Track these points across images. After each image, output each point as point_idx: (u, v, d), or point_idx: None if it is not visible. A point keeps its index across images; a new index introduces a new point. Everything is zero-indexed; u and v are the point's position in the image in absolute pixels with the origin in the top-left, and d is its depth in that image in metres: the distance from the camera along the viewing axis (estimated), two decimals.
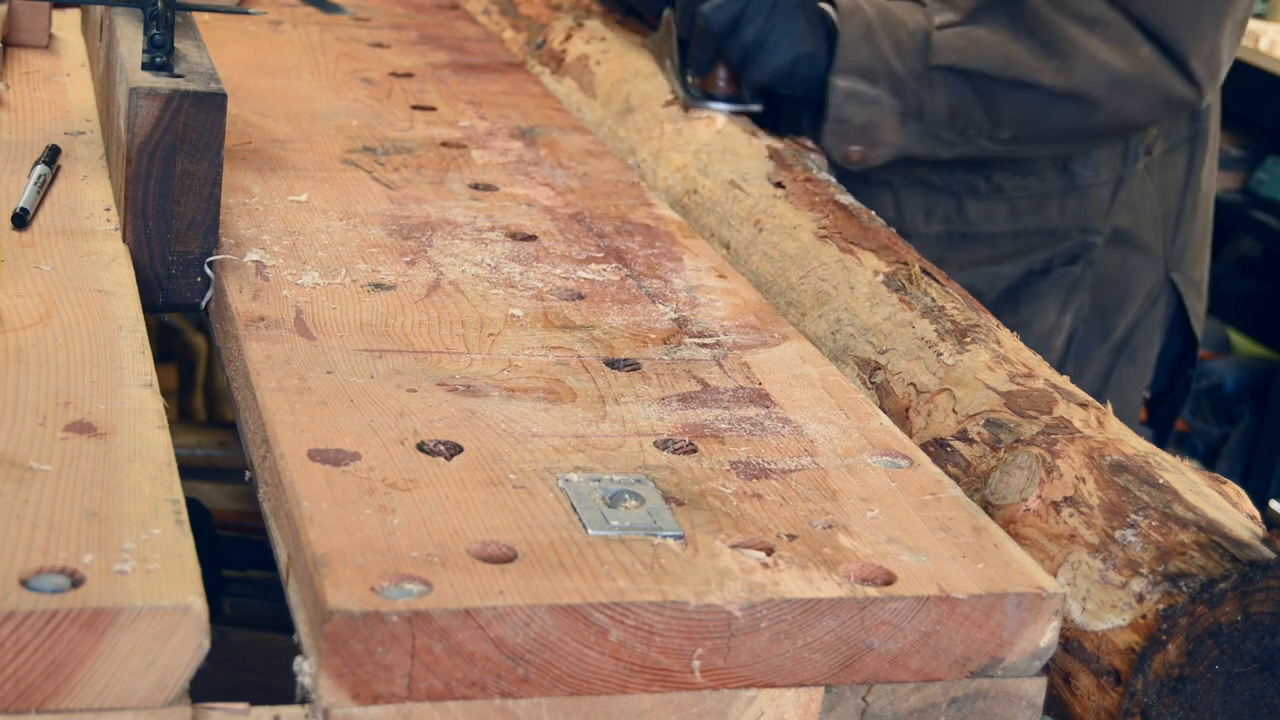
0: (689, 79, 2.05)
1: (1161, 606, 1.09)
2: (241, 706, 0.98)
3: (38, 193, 1.51)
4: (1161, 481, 1.20)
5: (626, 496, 1.13)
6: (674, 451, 1.22)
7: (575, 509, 1.11)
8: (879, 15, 1.99)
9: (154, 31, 1.47)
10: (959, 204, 2.17)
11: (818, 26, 1.99)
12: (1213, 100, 2.22)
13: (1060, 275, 2.20)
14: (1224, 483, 1.25)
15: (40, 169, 1.55)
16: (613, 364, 1.36)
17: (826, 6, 2.00)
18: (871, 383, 1.44)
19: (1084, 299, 2.23)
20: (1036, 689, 1.11)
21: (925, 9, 2.02)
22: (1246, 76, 3.91)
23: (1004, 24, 2.01)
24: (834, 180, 1.84)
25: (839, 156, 2.02)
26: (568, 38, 2.26)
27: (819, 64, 1.99)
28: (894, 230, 1.70)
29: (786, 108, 2.07)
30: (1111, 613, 1.12)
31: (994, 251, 2.19)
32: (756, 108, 2.02)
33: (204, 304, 1.46)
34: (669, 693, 1.03)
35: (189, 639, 0.95)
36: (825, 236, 1.64)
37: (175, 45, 1.51)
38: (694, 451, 1.22)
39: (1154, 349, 2.31)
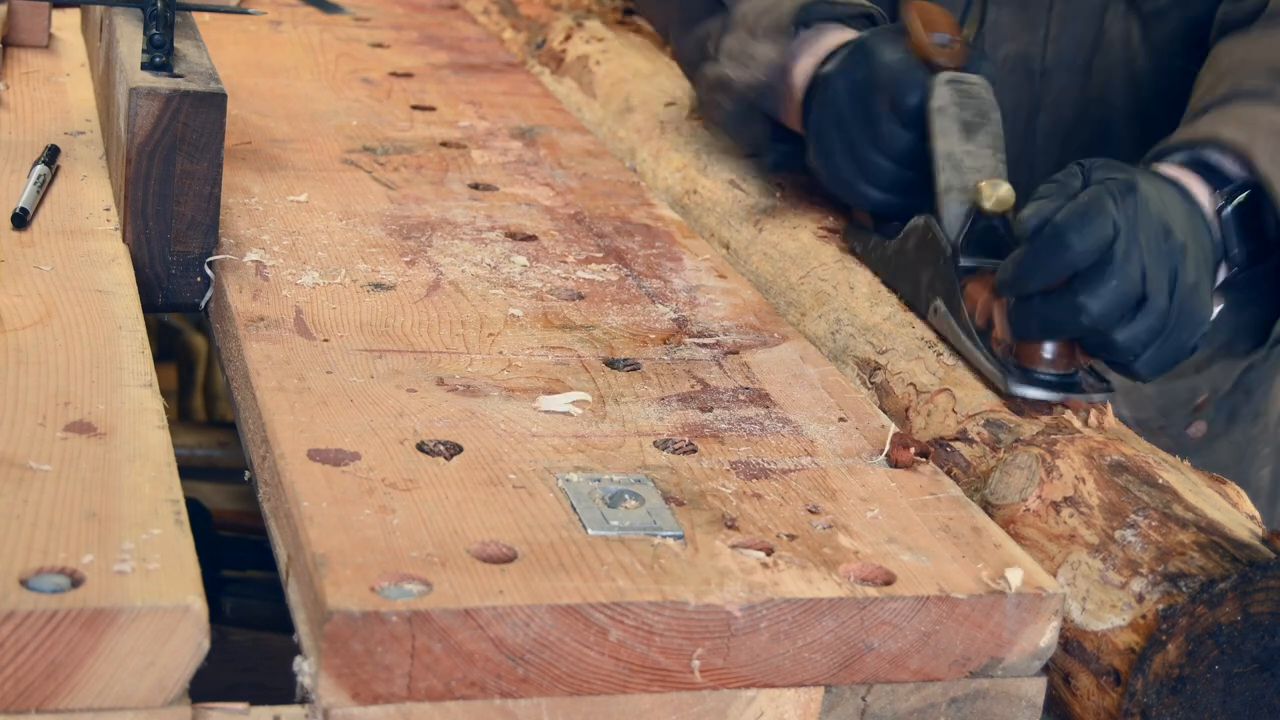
0: (976, 332, 1.39)
1: (1161, 607, 1.09)
2: (241, 706, 0.98)
3: (38, 193, 1.51)
4: (1161, 481, 1.20)
5: (626, 496, 1.13)
6: (674, 451, 1.22)
7: (575, 509, 1.11)
8: (1273, 133, 1.46)
9: (154, 31, 1.47)
10: None
11: (1211, 257, 1.42)
12: None
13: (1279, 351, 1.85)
14: (1224, 483, 1.25)
15: (40, 169, 1.54)
16: (613, 364, 1.36)
17: (1184, 176, 1.45)
18: (871, 383, 1.44)
19: None
20: (1036, 689, 1.11)
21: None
22: None
23: None
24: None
25: None
26: (567, 38, 2.26)
27: (1210, 306, 1.41)
28: None
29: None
30: (1111, 613, 1.12)
31: (1217, 340, 1.78)
32: (1108, 394, 1.36)
33: (204, 304, 1.46)
34: (669, 693, 1.03)
35: (189, 639, 0.95)
36: (825, 236, 1.64)
37: (175, 45, 1.51)
38: (694, 451, 1.22)
39: None
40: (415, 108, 1.98)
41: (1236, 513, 1.19)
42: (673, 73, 2.10)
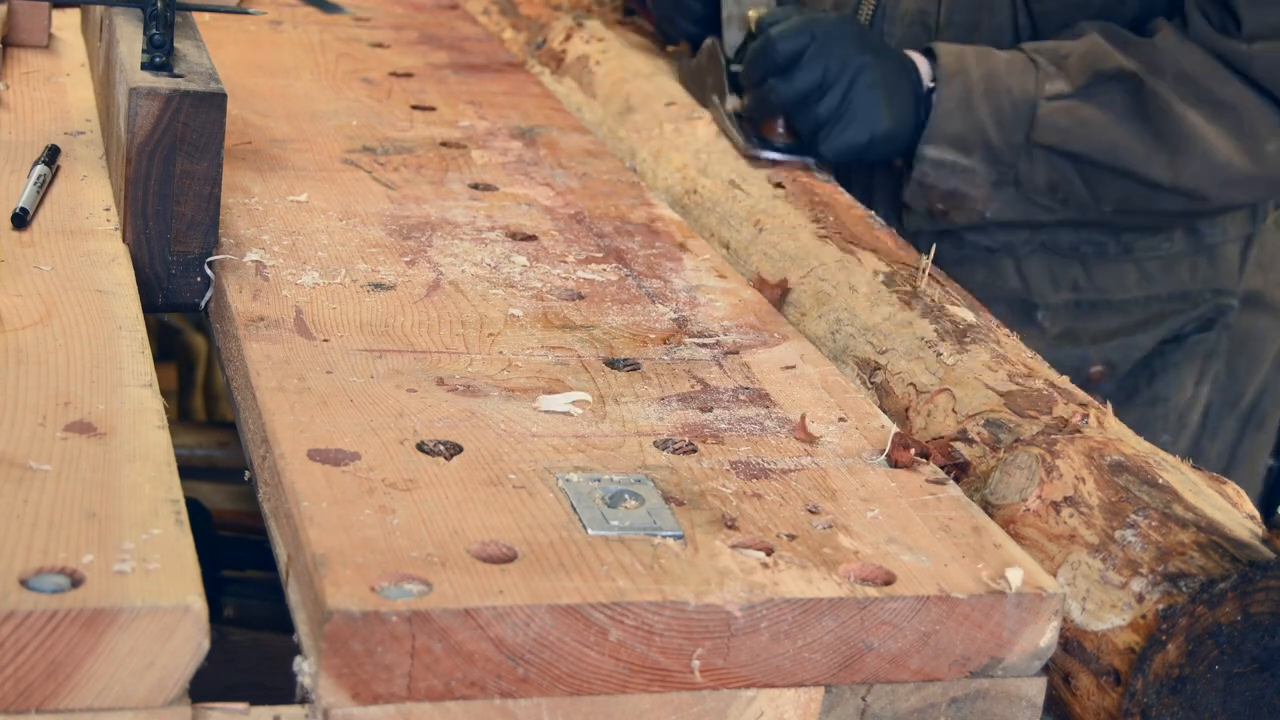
0: (740, 118, 1.89)
1: (1161, 607, 1.09)
2: (241, 706, 0.98)
3: (38, 193, 1.51)
4: (1161, 481, 1.20)
5: (626, 496, 1.13)
6: (674, 451, 1.22)
7: (575, 509, 1.11)
8: (983, 79, 1.83)
9: (154, 31, 1.47)
10: (1086, 269, 1.99)
11: (905, 96, 1.83)
12: None
13: (1196, 343, 2.02)
14: (1224, 483, 1.25)
15: (40, 169, 1.54)
16: (613, 364, 1.36)
17: (923, 65, 1.86)
18: (871, 383, 1.44)
19: (1219, 367, 2.04)
20: (1036, 689, 1.11)
21: (1037, 71, 1.84)
22: None
23: (1117, 104, 1.83)
24: (834, 180, 1.84)
25: (921, 210, 1.90)
26: (568, 38, 2.26)
27: (900, 140, 1.84)
28: (894, 230, 1.70)
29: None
30: (1111, 613, 1.12)
31: (1126, 320, 2.01)
32: (818, 160, 1.86)
33: (204, 304, 1.46)
34: (669, 693, 1.03)
35: (189, 639, 0.95)
36: (825, 236, 1.64)
37: (175, 45, 1.51)
38: (694, 451, 1.22)
39: (1279, 414, 2.13)
40: (415, 108, 1.98)
41: (1236, 513, 1.19)
42: (672, 73, 2.11)
